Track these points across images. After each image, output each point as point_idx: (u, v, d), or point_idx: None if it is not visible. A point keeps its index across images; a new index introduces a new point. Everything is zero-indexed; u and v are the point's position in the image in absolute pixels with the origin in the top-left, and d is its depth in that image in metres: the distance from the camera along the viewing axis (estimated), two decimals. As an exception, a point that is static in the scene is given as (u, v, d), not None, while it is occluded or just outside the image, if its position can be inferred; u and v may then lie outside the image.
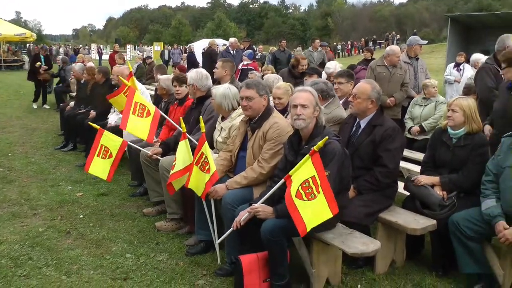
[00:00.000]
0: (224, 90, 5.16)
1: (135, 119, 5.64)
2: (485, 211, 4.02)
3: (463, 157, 4.41)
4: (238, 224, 3.95)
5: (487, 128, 5.32)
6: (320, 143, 3.51)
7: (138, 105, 5.67)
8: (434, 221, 4.20)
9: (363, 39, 56.60)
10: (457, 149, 4.46)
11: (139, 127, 5.67)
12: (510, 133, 4.16)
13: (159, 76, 7.82)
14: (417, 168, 5.58)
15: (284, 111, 5.45)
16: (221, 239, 4.41)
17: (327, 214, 3.55)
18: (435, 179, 4.48)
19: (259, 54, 18.63)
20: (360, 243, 3.78)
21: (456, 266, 4.23)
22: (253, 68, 11.33)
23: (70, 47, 47.37)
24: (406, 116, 7.80)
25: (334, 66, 8.40)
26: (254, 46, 21.04)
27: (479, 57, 9.99)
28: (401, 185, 4.77)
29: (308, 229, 3.51)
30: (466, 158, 4.39)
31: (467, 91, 6.81)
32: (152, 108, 5.79)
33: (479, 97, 5.89)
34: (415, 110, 7.68)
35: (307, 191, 3.53)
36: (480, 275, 4.14)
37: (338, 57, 48.68)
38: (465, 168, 4.39)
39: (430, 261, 4.59)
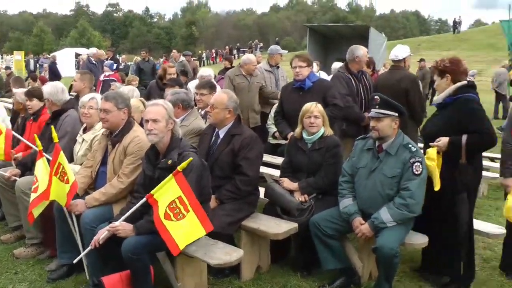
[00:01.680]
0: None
1: None
2: (343, 210, 4.29)
3: (319, 160, 4.67)
4: (97, 243, 3.77)
5: None
6: (183, 164, 3.51)
7: None
8: (296, 225, 4.35)
9: (227, 47, 57.52)
10: (312, 153, 4.70)
11: None
12: (363, 136, 4.48)
13: (15, 90, 7.30)
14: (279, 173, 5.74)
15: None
16: (78, 258, 4.14)
17: (200, 232, 3.59)
18: (294, 185, 4.68)
19: (122, 64, 18.20)
20: (223, 253, 3.78)
21: (319, 264, 4.40)
22: (115, 79, 11.00)
23: None
24: (269, 121, 7.85)
25: (208, 73, 8.46)
26: (118, 56, 20.51)
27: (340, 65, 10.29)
28: (263, 191, 4.87)
29: (181, 248, 3.50)
30: (322, 160, 4.66)
31: None
32: (2, 128, 5.43)
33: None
34: None
35: (175, 211, 3.52)
36: (341, 269, 4.36)
37: (203, 65, 48.99)
38: (322, 170, 4.65)
39: (295, 262, 4.73)
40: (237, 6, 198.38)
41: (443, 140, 4.10)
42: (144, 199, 3.62)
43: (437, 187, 4.09)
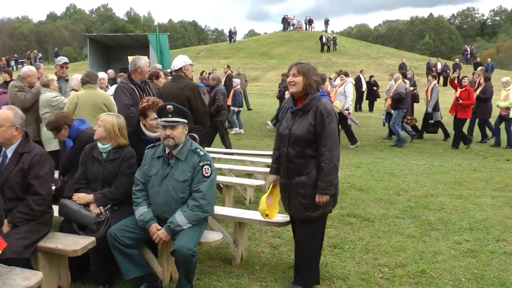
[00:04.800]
0: None
1: None
2: (139, 218, 4.40)
3: (114, 170, 4.72)
4: None
5: None
6: None
7: None
8: (93, 239, 4.33)
9: (3, 58, 53.11)
10: (107, 163, 4.73)
11: None
12: (152, 144, 4.63)
13: None
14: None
15: None
16: None
17: None
18: (89, 197, 4.65)
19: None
20: (21, 279, 3.57)
21: (120, 275, 4.45)
22: None
23: None
24: None
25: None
26: None
27: (101, 75, 9.98)
28: (56, 208, 4.73)
29: None
30: (117, 171, 4.71)
31: None
32: None
33: (119, 113, 6.16)
34: None
35: None
36: (142, 276, 4.46)
37: (-21, 78, 44.51)
38: (117, 180, 4.70)
39: (96, 277, 4.69)
40: (11, 13, 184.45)
41: None
42: None
43: None
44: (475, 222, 6.75)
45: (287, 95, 15.56)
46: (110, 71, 14.98)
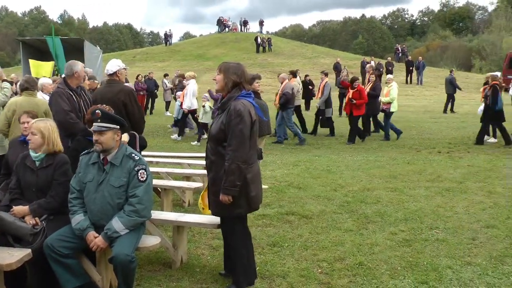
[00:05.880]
0: None
1: None
2: (76, 226, 4.32)
3: (48, 178, 4.60)
4: None
5: None
6: None
7: None
8: (29, 251, 4.17)
9: None
10: (41, 171, 4.61)
11: None
12: (86, 151, 4.56)
13: None
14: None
15: None
16: None
17: None
18: (25, 209, 4.50)
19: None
20: None
21: (59, 286, 4.33)
22: None
23: None
24: None
25: None
26: None
27: (47, 81, 9.82)
28: None
29: None
30: (51, 178, 4.60)
31: None
32: None
33: (57, 119, 5.99)
34: None
35: None
36: (81, 286, 4.35)
37: None
38: (52, 189, 4.59)
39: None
40: None
41: None
42: None
43: None
44: (409, 213, 7.02)
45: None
46: (13, 75, 14.60)
